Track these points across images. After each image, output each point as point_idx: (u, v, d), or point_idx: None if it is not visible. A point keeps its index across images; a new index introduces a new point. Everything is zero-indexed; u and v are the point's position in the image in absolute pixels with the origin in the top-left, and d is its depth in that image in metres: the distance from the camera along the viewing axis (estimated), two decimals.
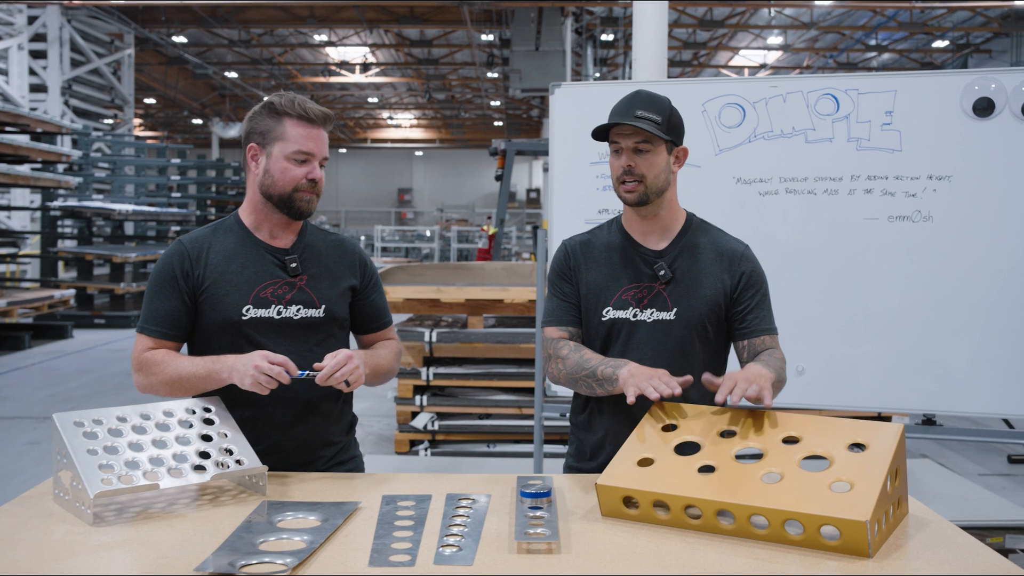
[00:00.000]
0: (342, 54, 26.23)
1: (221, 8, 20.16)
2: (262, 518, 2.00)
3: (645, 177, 2.45)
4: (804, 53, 24.17)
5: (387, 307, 2.76)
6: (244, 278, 2.47)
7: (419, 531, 1.94)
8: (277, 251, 2.53)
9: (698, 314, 2.49)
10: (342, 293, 2.59)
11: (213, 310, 2.45)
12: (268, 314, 2.47)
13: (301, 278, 2.52)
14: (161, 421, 2.22)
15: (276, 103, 2.46)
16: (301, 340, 2.50)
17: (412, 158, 42.92)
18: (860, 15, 21.29)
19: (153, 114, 34.55)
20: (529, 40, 18.62)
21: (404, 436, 6.38)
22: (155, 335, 2.46)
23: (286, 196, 2.47)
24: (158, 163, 17.64)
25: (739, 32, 23.19)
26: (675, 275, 2.50)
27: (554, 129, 4.19)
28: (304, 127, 2.46)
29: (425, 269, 7.71)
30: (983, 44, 23.01)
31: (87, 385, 9.33)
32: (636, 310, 2.50)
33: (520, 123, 35.27)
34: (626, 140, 2.45)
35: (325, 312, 2.54)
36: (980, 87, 3.70)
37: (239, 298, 2.46)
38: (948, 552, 1.83)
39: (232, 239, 2.53)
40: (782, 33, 23.05)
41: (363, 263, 2.68)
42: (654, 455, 2.10)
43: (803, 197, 3.87)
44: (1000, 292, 3.70)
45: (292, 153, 2.45)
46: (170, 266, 2.48)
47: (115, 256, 14.01)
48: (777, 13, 20.92)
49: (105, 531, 1.93)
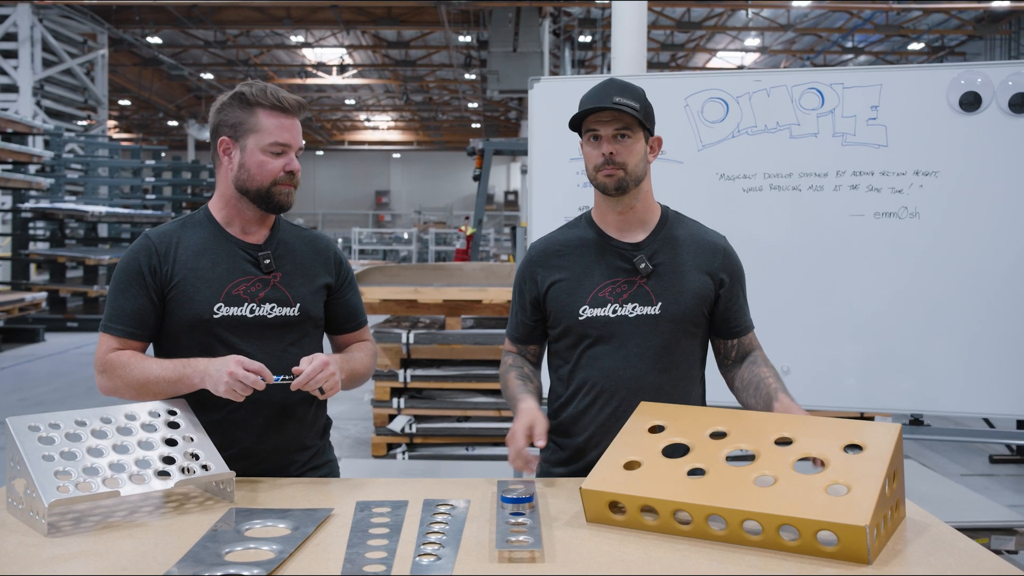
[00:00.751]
0: (319, 55, 26.05)
1: (196, 8, 19.97)
2: (229, 526, 1.90)
3: (626, 165, 2.36)
4: (781, 55, 24.21)
5: (363, 307, 2.67)
6: (215, 275, 2.36)
7: (395, 539, 1.84)
8: (250, 247, 2.42)
9: (685, 307, 2.40)
10: (317, 291, 2.49)
11: (182, 308, 2.34)
12: (240, 312, 2.36)
13: (275, 275, 2.42)
14: (123, 425, 2.10)
15: (247, 93, 2.35)
16: (275, 340, 2.39)
17: (389, 160, 42.73)
18: (837, 17, 21.35)
19: (128, 116, 34.21)
20: (507, 41, 18.55)
21: (381, 439, 6.27)
22: (120, 334, 2.34)
23: (264, 190, 2.37)
24: (132, 164, 17.41)
25: (716, 34, 23.22)
26: (656, 268, 2.41)
27: (533, 125, 4.10)
28: (279, 117, 2.35)
29: (402, 270, 7.60)
30: (958, 47, 23.14)
31: (59, 389, 9.16)
32: (616, 306, 2.41)
33: (498, 125, 35.21)
34: (606, 127, 2.36)
35: (300, 311, 2.44)
36: (966, 81, 3.64)
37: (210, 296, 2.34)
38: (950, 557, 1.75)
39: (202, 234, 2.41)
40: (759, 35, 23.08)
41: (338, 260, 2.58)
42: (641, 457, 2.00)
43: (788, 193, 3.80)
44: (986, 289, 3.65)
45: (268, 145, 2.34)
46: (136, 262, 2.36)
47: (88, 258, 13.78)
48: (755, 15, 20.95)
49: (60, 542, 1.82)
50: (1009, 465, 6.76)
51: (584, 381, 2.44)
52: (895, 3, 17.49)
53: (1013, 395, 3.63)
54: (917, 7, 18.16)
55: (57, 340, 12.57)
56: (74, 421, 2.06)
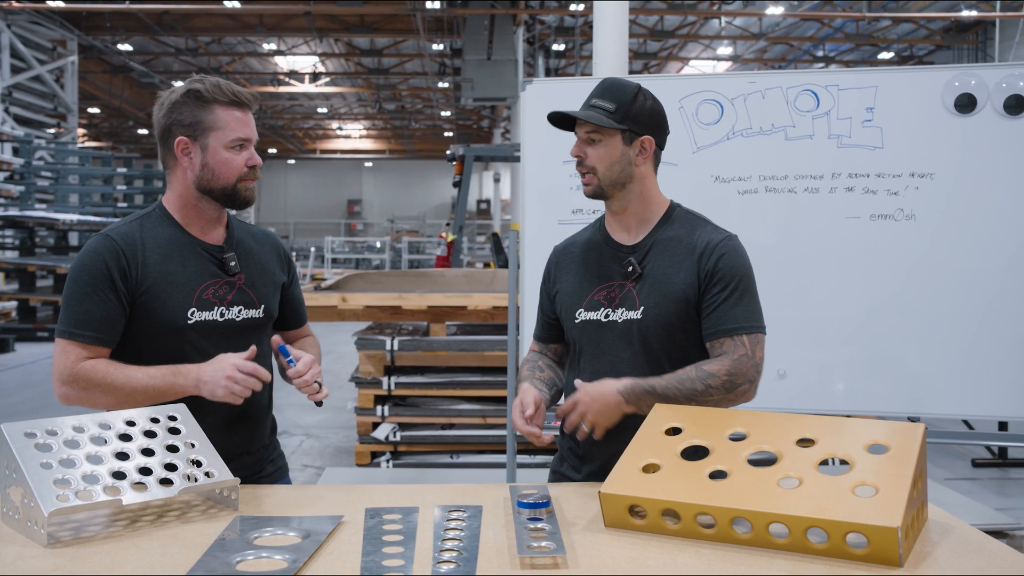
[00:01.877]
0: (291, 63, 25.93)
1: (168, 15, 19.78)
2: (236, 535, 1.83)
3: (596, 168, 2.32)
4: (753, 64, 24.38)
5: (304, 301, 2.66)
6: (185, 279, 2.29)
7: (410, 546, 1.77)
8: (213, 248, 2.36)
9: (665, 312, 2.30)
10: (275, 290, 2.48)
11: (154, 314, 2.25)
12: (212, 317, 2.30)
13: (239, 276, 2.37)
14: (122, 431, 2.02)
15: (203, 90, 2.27)
16: (242, 343, 2.30)
17: (362, 169, 42.60)
18: (808, 27, 21.54)
19: (97, 124, 33.85)
20: (481, 49, 18.54)
21: (365, 448, 6.18)
22: (89, 341, 2.22)
23: (230, 188, 2.31)
24: (104, 172, 17.21)
25: (689, 42, 23.34)
26: (644, 271, 2.34)
27: (525, 128, 4.05)
28: (236, 111, 2.30)
29: (383, 276, 7.53)
30: (926, 56, 23.41)
31: (31, 400, 9.01)
32: (608, 310, 2.36)
33: (470, 133, 35.20)
34: (579, 129, 2.35)
35: (264, 312, 2.41)
36: (961, 83, 3.64)
37: (182, 300, 2.27)
38: (980, 559, 1.71)
39: (164, 235, 2.32)
40: (732, 44, 23.24)
41: (286, 256, 2.58)
42: (660, 460, 1.95)
43: (784, 196, 3.78)
44: (983, 291, 3.64)
45: (231, 142, 2.28)
46: (103, 264, 2.23)
47: (59, 267, 13.56)
48: (727, 24, 21.08)
49: (62, 552, 1.74)
50: (992, 468, 6.79)
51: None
52: (866, 11, 17.62)
53: (1011, 397, 3.62)
54: (887, 16, 18.34)
55: (27, 350, 12.37)
56: (71, 427, 1.97)
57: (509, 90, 18.37)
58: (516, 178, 24.39)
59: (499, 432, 6.15)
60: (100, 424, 2.01)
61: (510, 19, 18.28)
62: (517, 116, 22.02)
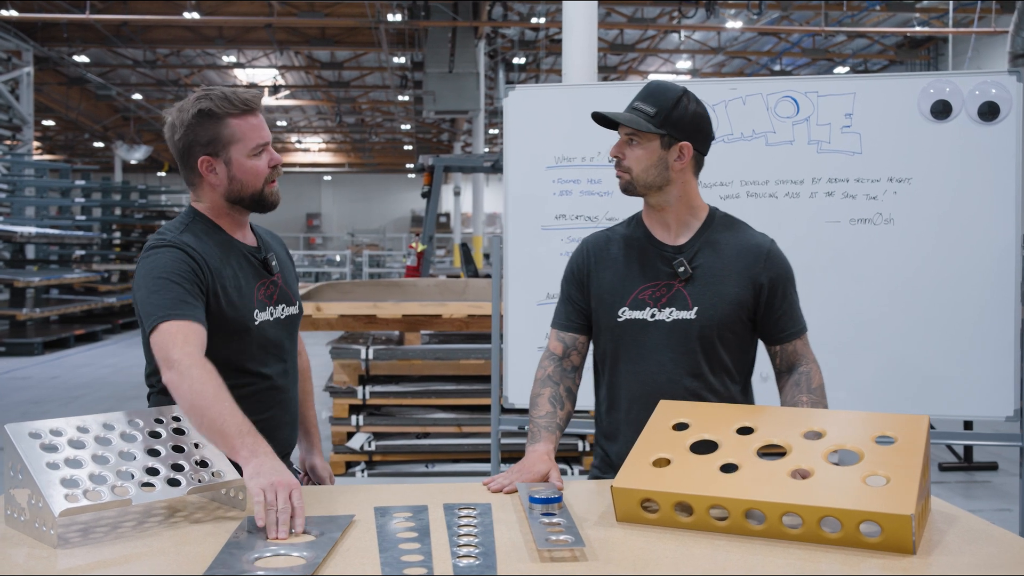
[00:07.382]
0: (251, 76, 25.71)
1: (126, 26, 19.56)
2: (248, 534, 1.81)
3: (631, 169, 2.35)
4: (712, 78, 24.65)
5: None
6: (244, 282, 2.33)
7: (426, 543, 1.77)
8: (252, 250, 2.41)
9: (721, 313, 2.34)
10: (298, 286, 2.60)
11: (224, 317, 2.25)
12: (268, 316, 2.38)
13: (277, 276, 2.44)
14: (127, 431, 2.00)
15: (213, 108, 2.26)
16: (289, 339, 2.47)
17: (321, 182, 42.37)
18: (765, 41, 21.84)
19: (52, 136, 33.32)
20: (443, 62, 18.53)
21: (340, 458, 6.14)
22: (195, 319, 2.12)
23: (259, 193, 2.33)
24: (62, 185, 16.93)
25: (649, 56, 23.53)
26: (696, 272, 2.36)
27: (508, 134, 4.07)
28: (249, 118, 2.31)
29: (355, 286, 7.49)
30: (879, 71, 23.82)
31: None
32: (654, 309, 2.37)
33: (431, 147, 35.16)
34: (621, 128, 2.37)
35: (299, 308, 2.52)
36: (935, 90, 3.71)
37: (248, 303, 2.32)
38: (991, 547, 1.75)
39: (215, 240, 2.33)
40: (691, 58, 23.48)
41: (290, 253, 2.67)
42: (670, 455, 1.97)
43: (765, 200, 3.83)
44: (960, 294, 3.71)
45: (252, 150, 2.30)
46: (184, 262, 2.19)
47: (16, 280, 13.31)
48: (686, 38, 21.29)
49: (73, 553, 1.72)
50: (957, 472, 6.89)
51: (621, 386, 2.42)
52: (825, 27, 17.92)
53: (992, 397, 3.68)
54: (842, 30, 18.64)
55: None
56: (76, 428, 1.95)
57: (471, 103, 18.41)
58: (478, 192, 24.43)
59: (475, 441, 6.14)
60: (104, 424, 1.99)
61: (472, 32, 18.31)
62: (478, 129, 22.09)
